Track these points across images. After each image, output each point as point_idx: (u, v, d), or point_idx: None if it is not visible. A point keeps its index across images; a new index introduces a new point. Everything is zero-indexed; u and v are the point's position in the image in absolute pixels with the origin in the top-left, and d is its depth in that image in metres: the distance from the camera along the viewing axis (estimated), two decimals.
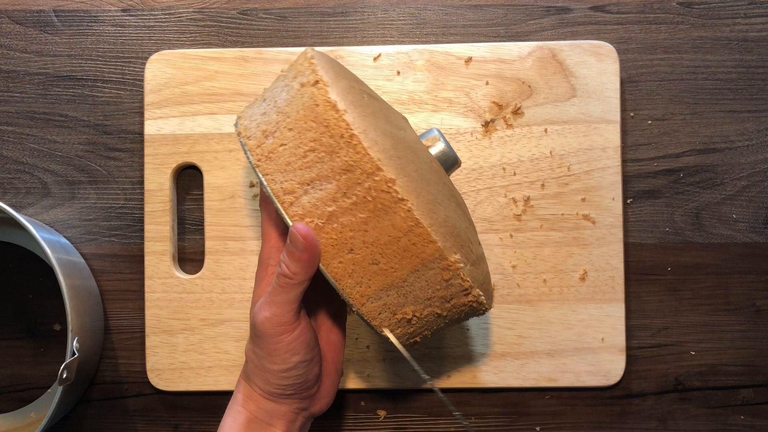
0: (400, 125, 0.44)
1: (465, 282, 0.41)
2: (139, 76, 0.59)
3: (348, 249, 0.39)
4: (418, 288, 0.40)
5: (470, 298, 0.42)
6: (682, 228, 0.58)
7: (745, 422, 0.58)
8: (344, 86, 0.41)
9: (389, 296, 0.40)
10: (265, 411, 0.43)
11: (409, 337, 0.43)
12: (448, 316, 0.43)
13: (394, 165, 0.38)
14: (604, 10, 0.59)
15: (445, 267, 0.40)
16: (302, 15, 0.60)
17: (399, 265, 0.39)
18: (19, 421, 0.58)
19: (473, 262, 0.42)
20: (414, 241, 0.39)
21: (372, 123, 0.40)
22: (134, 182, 0.59)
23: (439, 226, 0.39)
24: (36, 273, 0.59)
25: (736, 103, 0.59)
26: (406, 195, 0.38)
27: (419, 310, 0.41)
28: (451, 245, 0.40)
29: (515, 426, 0.58)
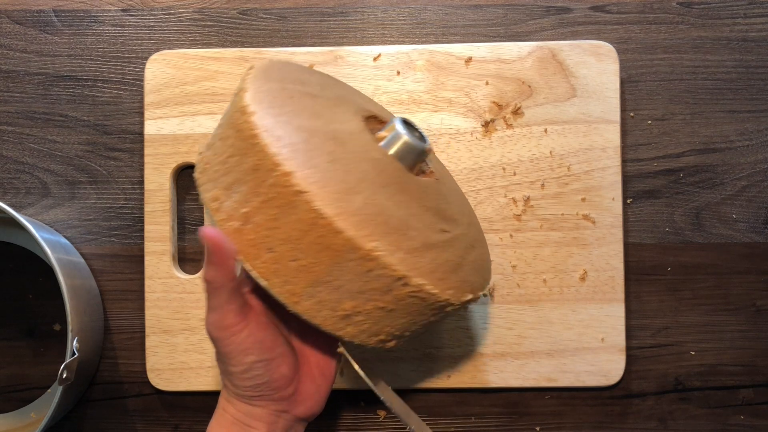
0: (337, 119, 0.43)
1: (394, 271, 0.38)
2: (139, 76, 0.59)
3: (267, 248, 0.39)
4: (346, 281, 0.39)
5: (411, 289, 0.39)
6: (682, 228, 0.58)
7: (745, 422, 0.58)
8: (267, 89, 0.42)
9: (320, 293, 0.39)
10: (243, 413, 0.43)
11: (374, 337, 0.41)
12: (399, 310, 0.40)
13: (298, 159, 0.38)
14: (604, 10, 0.59)
15: (362, 257, 0.38)
16: (302, 15, 0.60)
17: (316, 259, 0.38)
18: (19, 421, 0.58)
19: (413, 249, 0.40)
20: (321, 233, 0.38)
21: (283, 120, 0.40)
22: (134, 182, 0.59)
23: (351, 215, 0.38)
24: (36, 273, 0.59)
25: (736, 103, 0.59)
26: (305, 187, 0.37)
27: (360, 305, 0.40)
28: (369, 233, 0.38)
29: (515, 426, 0.58)
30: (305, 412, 0.44)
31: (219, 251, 0.39)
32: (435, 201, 0.45)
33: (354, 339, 0.41)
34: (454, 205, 0.47)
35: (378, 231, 0.39)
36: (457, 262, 0.43)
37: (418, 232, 0.41)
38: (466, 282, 0.43)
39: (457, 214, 0.46)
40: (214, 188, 0.41)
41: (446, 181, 0.50)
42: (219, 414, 0.44)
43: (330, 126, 0.42)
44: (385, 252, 0.38)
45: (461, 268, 0.43)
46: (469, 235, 0.46)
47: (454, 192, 0.49)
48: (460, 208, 0.48)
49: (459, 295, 0.42)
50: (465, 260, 0.44)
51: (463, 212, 0.48)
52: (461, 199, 0.51)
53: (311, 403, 0.44)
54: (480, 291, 0.45)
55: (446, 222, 0.44)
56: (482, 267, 0.47)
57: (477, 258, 0.46)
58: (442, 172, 0.51)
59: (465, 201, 0.52)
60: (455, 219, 0.46)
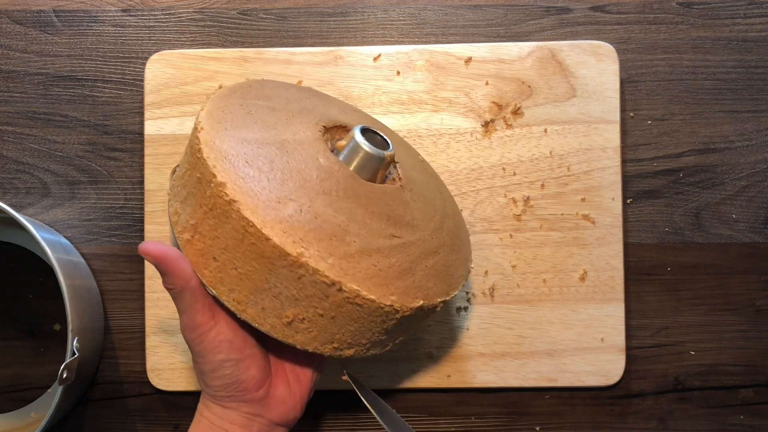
0: (291, 130, 0.44)
1: (325, 277, 0.38)
2: (139, 76, 0.59)
3: (212, 257, 0.40)
4: (284, 288, 0.39)
5: (346, 295, 0.39)
6: (682, 228, 0.58)
7: (745, 422, 0.58)
8: (224, 105, 0.44)
9: (263, 300, 0.40)
10: (218, 416, 0.43)
11: (327, 345, 0.41)
12: (341, 317, 0.40)
13: (234, 170, 0.40)
14: (604, 10, 0.59)
15: (291, 263, 0.38)
16: (302, 15, 0.60)
17: (253, 267, 0.39)
18: (19, 421, 0.58)
19: (347, 255, 0.40)
20: (252, 240, 0.38)
21: (230, 135, 0.42)
22: (134, 182, 0.59)
23: (278, 222, 0.38)
24: (36, 273, 0.59)
25: (736, 103, 0.59)
26: (236, 196, 0.38)
27: (301, 312, 0.40)
28: (299, 239, 0.38)
29: (515, 426, 0.58)
30: (279, 417, 0.44)
31: (163, 261, 0.40)
32: (389, 207, 0.44)
33: (307, 347, 0.41)
34: (416, 212, 0.46)
35: (309, 237, 0.39)
36: (406, 267, 0.42)
37: (358, 238, 0.41)
38: (417, 288, 0.42)
39: (419, 221, 0.45)
40: (175, 203, 0.43)
41: (417, 187, 0.49)
42: (196, 419, 0.44)
43: (280, 137, 0.43)
44: (312, 258, 0.38)
45: (411, 274, 0.42)
46: (430, 240, 0.45)
47: (422, 198, 0.48)
48: (424, 215, 0.46)
49: (406, 302, 0.41)
50: (418, 266, 0.43)
51: (428, 218, 0.47)
52: (432, 205, 0.49)
53: (285, 408, 0.44)
54: (439, 298, 0.43)
55: (399, 228, 0.44)
56: (444, 273, 0.45)
57: (438, 264, 0.45)
58: (419, 178, 0.50)
59: (437, 207, 0.49)
60: (414, 225, 0.45)
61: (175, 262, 0.40)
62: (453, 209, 0.52)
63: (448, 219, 0.49)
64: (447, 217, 0.49)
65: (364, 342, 0.42)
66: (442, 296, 0.44)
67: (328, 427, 0.58)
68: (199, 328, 0.41)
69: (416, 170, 0.51)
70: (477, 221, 0.57)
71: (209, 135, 0.41)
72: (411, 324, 0.44)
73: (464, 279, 0.47)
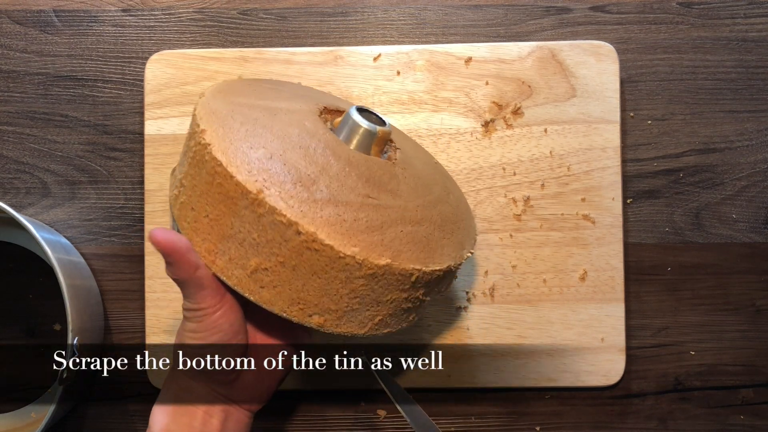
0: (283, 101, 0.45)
1: (283, 216, 0.37)
2: (139, 76, 0.59)
3: (190, 207, 0.41)
4: (246, 233, 0.39)
5: (304, 238, 0.38)
6: (682, 228, 0.58)
7: (745, 422, 0.58)
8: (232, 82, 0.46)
9: (230, 249, 0.39)
10: (184, 389, 0.43)
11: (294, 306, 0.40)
12: (302, 267, 0.39)
13: (218, 121, 0.41)
14: (604, 10, 0.59)
15: (252, 201, 0.38)
16: (302, 15, 0.60)
17: (220, 210, 0.39)
18: (19, 421, 0.58)
19: (313, 200, 0.39)
20: (219, 180, 0.39)
21: (226, 99, 0.43)
22: (134, 182, 0.59)
23: (247, 164, 0.39)
24: (36, 273, 0.59)
25: (736, 103, 0.59)
26: (211, 140, 0.39)
27: (264, 261, 0.39)
28: (262, 179, 0.38)
29: (515, 426, 0.58)
30: (245, 400, 0.44)
31: (172, 251, 0.39)
32: (371, 172, 0.43)
33: (273, 307, 0.40)
34: (403, 185, 0.44)
35: (273, 179, 0.39)
36: (376, 225, 0.40)
37: (327, 189, 0.40)
38: (385, 246, 0.40)
39: (404, 192, 0.44)
40: (175, 165, 0.44)
41: (413, 170, 0.47)
42: (162, 392, 0.44)
43: (273, 105, 0.44)
44: (272, 197, 0.38)
45: (380, 232, 0.40)
46: (412, 211, 0.43)
47: (415, 179, 0.46)
48: (413, 190, 0.45)
49: (369, 255, 0.39)
50: (391, 227, 0.41)
51: (417, 194, 0.45)
52: (427, 188, 0.47)
53: (252, 393, 0.44)
54: (412, 264, 0.40)
55: (378, 191, 0.42)
56: (425, 243, 0.42)
57: (418, 233, 0.42)
58: (421, 166, 0.49)
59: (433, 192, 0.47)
60: (396, 194, 0.43)
61: (183, 253, 0.39)
62: (458, 202, 0.50)
63: (444, 205, 0.47)
64: (444, 203, 0.47)
65: (333, 308, 0.40)
66: (417, 264, 0.41)
67: (328, 426, 0.58)
68: (202, 311, 0.41)
69: (421, 162, 0.50)
70: (477, 221, 0.57)
71: (206, 100, 0.43)
72: (385, 296, 0.41)
73: (452, 260, 0.43)
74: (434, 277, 0.42)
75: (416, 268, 0.40)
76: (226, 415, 0.43)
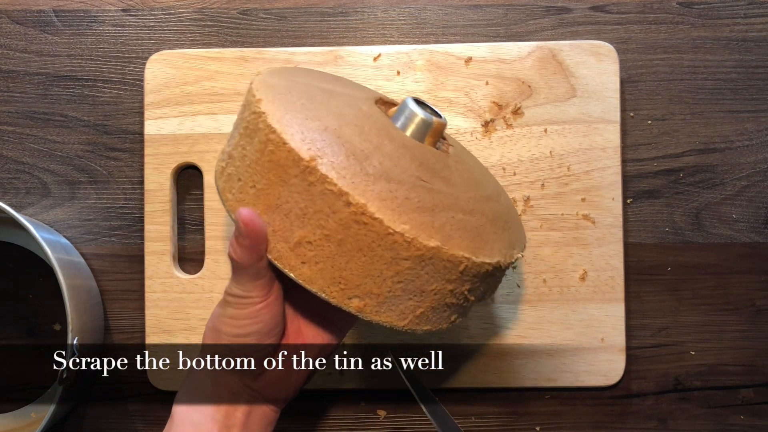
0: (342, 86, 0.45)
1: (333, 185, 0.36)
2: (139, 76, 0.59)
3: (237, 178, 0.40)
4: (294, 203, 0.38)
5: (353, 210, 0.36)
6: (682, 228, 0.58)
7: (745, 422, 0.58)
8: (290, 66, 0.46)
9: (275, 221, 0.38)
10: (210, 376, 0.41)
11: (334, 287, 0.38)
12: (349, 242, 0.37)
13: (274, 93, 0.40)
14: (604, 10, 0.59)
15: (303, 168, 0.37)
16: (302, 15, 0.60)
17: (269, 179, 0.38)
18: (19, 421, 0.58)
19: (365, 174, 0.38)
20: (272, 147, 0.38)
21: (284, 75, 0.43)
22: (134, 182, 0.59)
23: (301, 132, 0.38)
24: (36, 273, 0.59)
25: (736, 103, 0.59)
26: (266, 108, 0.39)
27: (308, 234, 0.38)
28: (316, 149, 0.37)
29: (515, 426, 0.58)
30: (271, 393, 0.42)
31: (251, 234, 0.38)
32: (425, 157, 0.42)
33: (312, 285, 0.38)
34: (456, 175, 0.43)
35: (326, 149, 0.38)
36: (428, 207, 0.39)
37: (381, 165, 0.38)
38: (435, 228, 0.38)
39: (457, 182, 0.42)
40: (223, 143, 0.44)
41: (466, 166, 0.46)
42: (185, 381, 0.42)
43: (331, 87, 0.44)
44: (324, 165, 0.37)
45: (431, 214, 0.38)
46: (465, 201, 0.41)
47: (468, 173, 0.45)
48: (465, 181, 0.43)
49: (419, 235, 0.37)
50: (443, 212, 0.39)
51: (469, 186, 0.43)
52: (479, 183, 0.45)
53: (278, 387, 0.43)
54: (462, 251, 0.38)
55: (431, 176, 0.41)
56: (475, 233, 0.40)
57: (469, 222, 0.40)
58: (474, 166, 0.48)
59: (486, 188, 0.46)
60: (449, 182, 0.41)
61: (259, 242, 0.38)
62: (508, 205, 0.48)
63: (495, 203, 0.45)
64: (496, 202, 0.45)
65: (375, 292, 0.38)
66: (467, 252, 0.39)
67: (328, 426, 0.58)
68: (249, 299, 0.39)
69: (473, 161, 0.49)
70: None
71: (264, 76, 0.42)
72: (430, 285, 0.39)
73: (502, 256, 0.41)
74: (482, 270, 0.40)
75: (465, 256, 0.39)
76: (251, 408, 0.42)
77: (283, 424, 0.58)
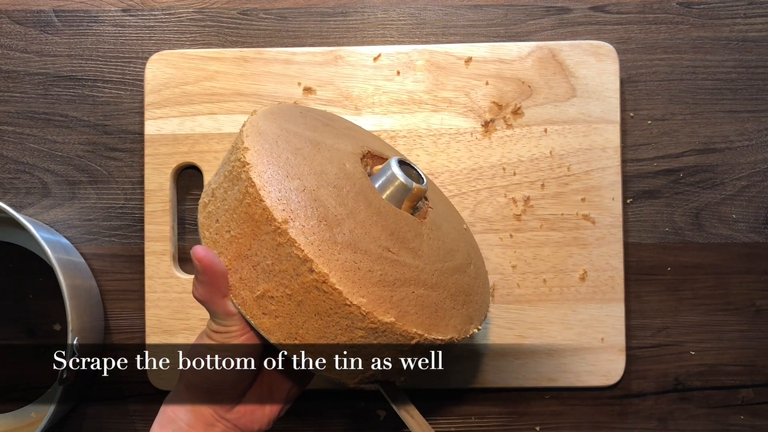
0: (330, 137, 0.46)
1: (300, 251, 0.37)
2: (139, 76, 0.59)
3: (215, 219, 0.41)
4: (262, 257, 0.39)
5: (315, 277, 0.37)
6: (682, 228, 0.58)
7: (745, 422, 0.58)
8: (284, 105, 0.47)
9: (243, 268, 0.40)
10: (184, 409, 0.42)
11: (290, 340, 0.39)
12: (308, 304, 0.38)
13: (261, 142, 0.41)
14: (604, 10, 0.59)
15: (275, 229, 0.38)
16: (302, 15, 0.60)
17: (242, 230, 0.39)
18: (19, 421, 0.58)
19: (333, 242, 0.39)
20: (249, 201, 0.39)
21: (275, 122, 0.44)
22: (134, 182, 0.59)
23: (278, 191, 0.39)
24: (36, 273, 0.59)
25: (736, 103, 0.59)
26: (252, 160, 0.40)
27: (272, 289, 0.39)
28: (290, 210, 0.38)
29: (515, 426, 0.58)
30: (245, 425, 0.43)
31: (206, 271, 0.39)
32: (397, 226, 0.43)
33: (270, 336, 0.40)
34: (425, 246, 0.44)
35: (300, 212, 0.39)
36: (389, 281, 0.40)
37: (350, 234, 0.39)
38: (393, 304, 0.39)
39: (425, 253, 0.43)
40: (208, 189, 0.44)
41: (440, 233, 0.46)
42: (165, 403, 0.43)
43: (319, 139, 0.44)
44: (294, 229, 0.38)
45: (391, 289, 0.40)
46: (429, 275, 0.42)
47: (439, 242, 0.45)
48: (434, 252, 0.44)
49: (375, 309, 0.38)
50: (403, 286, 0.40)
51: (437, 258, 0.44)
52: (450, 253, 0.46)
53: (252, 418, 0.44)
54: (416, 328, 0.39)
55: (399, 247, 0.42)
56: (433, 311, 0.41)
57: (429, 298, 0.41)
58: (449, 231, 0.48)
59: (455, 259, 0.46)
60: (417, 254, 0.42)
61: (218, 277, 0.39)
62: (477, 274, 0.48)
63: (462, 275, 0.46)
64: (463, 273, 0.46)
65: (328, 352, 0.40)
66: (420, 328, 0.40)
67: (328, 426, 0.58)
68: (229, 333, 0.40)
69: (450, 226, 0.49)
70: (477, 221, 0.57)
71: (257, 118, 0.43)
72: (382, 353, 0.40)
73: (456, 332, 0.42)
74: (435, 345, 0.41)
75: (419, 333, 0.40)
76: None
77: (284, 424, 0.58)
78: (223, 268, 0.40)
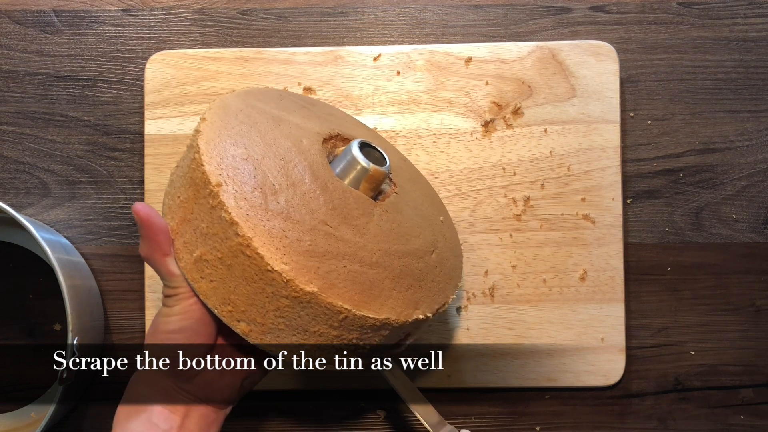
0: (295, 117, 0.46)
1: (227, 213, 0.38)
2: (139, 76, 0.59)
3: (174, 186, 0.43)
4: (200, 221, 0.40)
5: (240, 241, 0.38)
6: (682, 228, 0.58)
7: (745, 422, 0.58)
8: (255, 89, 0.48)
9: (186, 232, 0.41)
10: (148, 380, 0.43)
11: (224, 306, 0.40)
12: (236, 268, 0.38)
13: (220, 115, 0.42)
14: (604, 10, 0.59)
15: (209, 192, 0.39)
16: (302, 15, 0.60)
17: (187, 195, 0.40)
18: (19, 421, 0.58)
19: (264, 209, 0.39)
20: (194, 166, 0.40)
21: (236, 95, 0.45)
22: (134, 182, 0.59)
23: (219, 156, 0.40)
24: (36, 273, 0.59)
25: (736, 103, 0.59)
26: (203, 128, 0.41)
27: (207, 252, 0.39)
28: (226, 175, 0.39)
29: (515, 426, 0.58)
30: (206, 395, 0.44)
31: (146, 225, 0.41)
32: (344, 203, 0.42)
33: (207, 300, 0.40)
34: (372, 227, 0.43)
35: (235, 177, 0.39)
36: (319, 252, 0.39)
37: (285, 203, 0.40)
38: (319, 276, 0.39)
39: (370, 234, 0.42)
40: None
41: (400, 218, 0.45)
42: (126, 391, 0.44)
43: (285, 115, 0.45)
44: (226, 193, 0.39)
45: (320, 261, 0.39)
46: (369, 254, 0.41)
47: (395, 226, 0.44)
48: (383, 234, 0.43)
49: (298, 278, 0.38)
50: (335, 260, 0.39)
51: (385, 239, 0.43)
52: (405, 240, 0.44)
53: (212, 389, 0.44)
54: (342, 301, 0.39)
55: (339, 222, 0.41)
56: (367, 289, 0.40)
57: (364, 276, 0.40)
58: (414, 217, 0.47)
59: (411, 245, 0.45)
60: (360, 231, 0.42)
61: (157, 231, 0.41)
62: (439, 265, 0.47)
63: (415, 260, 0.44)
64: (417, 259, 0.44)
65: (259, 321, 0.39)
66: (348, 303, 0.39)
67: (328, 426, 0.58)
68: (179, 295, 0.41)
69: (417, 213, 0.48)
70: (477, 221, 0.57)
71: (231, 95, 0.45)
72: (312, 326, 0.39)
73: (394, 314, 0.41)
74: (368, 324, 0.40)
75: (345, 308, 0.39)
76: (188, 409, 0.43)
77: (284, 424, 0.58)
78: (162, 223, 0.41)
